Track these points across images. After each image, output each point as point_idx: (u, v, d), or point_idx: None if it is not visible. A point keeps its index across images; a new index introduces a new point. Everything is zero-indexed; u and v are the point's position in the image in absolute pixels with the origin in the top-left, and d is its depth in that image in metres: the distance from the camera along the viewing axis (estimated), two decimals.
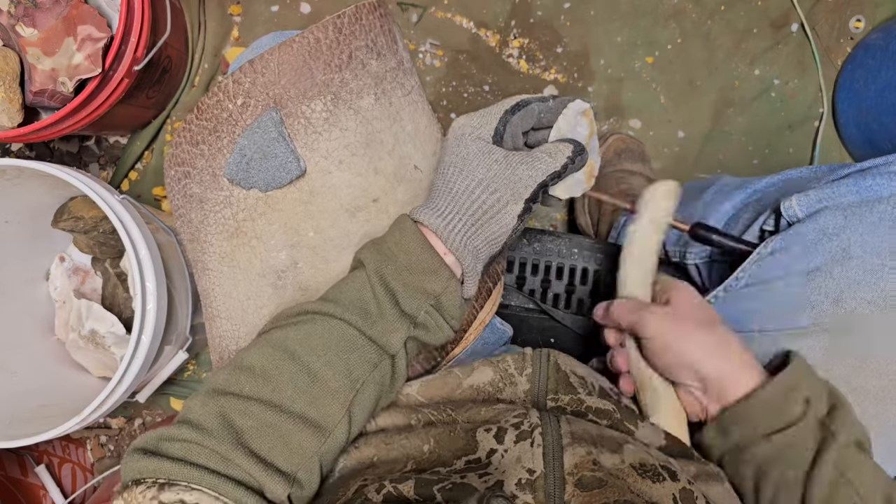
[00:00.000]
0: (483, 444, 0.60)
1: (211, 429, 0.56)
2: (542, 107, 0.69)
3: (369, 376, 0.63)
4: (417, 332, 0.65)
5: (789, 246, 0.75)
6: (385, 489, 0.54)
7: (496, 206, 0.64)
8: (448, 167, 0.67)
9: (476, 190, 0.64)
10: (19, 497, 1.33)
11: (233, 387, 0.60)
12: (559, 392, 0.73)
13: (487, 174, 0.64)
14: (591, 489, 0.54)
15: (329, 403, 0.61)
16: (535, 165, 0.65)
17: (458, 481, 0.55)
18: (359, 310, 0.64)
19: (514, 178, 0.64)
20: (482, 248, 0.66)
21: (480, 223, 0.65)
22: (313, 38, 0.71)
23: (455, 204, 0.65)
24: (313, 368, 0.61)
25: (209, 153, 0.73)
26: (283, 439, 0.58)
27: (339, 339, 0.62)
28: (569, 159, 0.66)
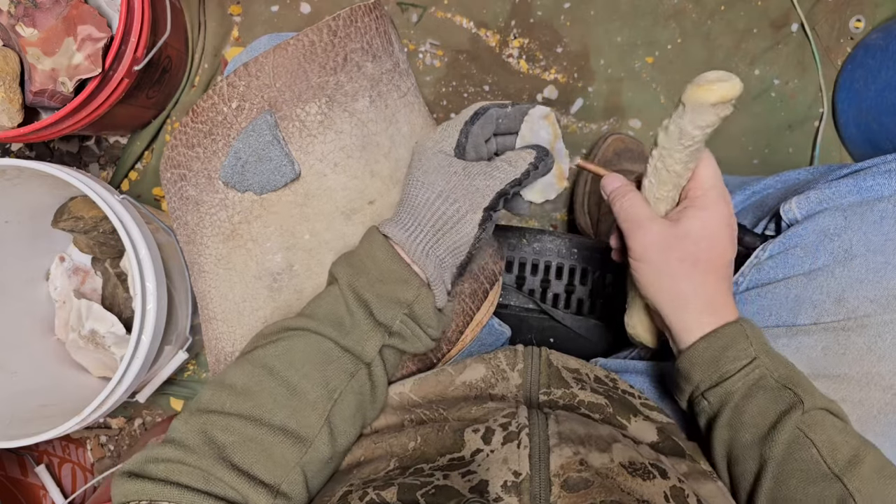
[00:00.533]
0: (470, 444, 0.61)
1: (193, 446, 0.58)
2: (501, 112, 0.70)
3: (346, 386, 0.65)
4: (394, 341, 0.67)
5: (789, 248, 0.75)
6: (368, 496, 0.54)
7: (455, 216, 0.66)
8: (411, 181, 0.69)
9: (436, 202, 0.66)
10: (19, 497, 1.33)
11: (214, 405, 0.61)
12: (551, 386, 0.73)
13: (447, 186, 0.66)
14: (578, 490, 0.54)
15: (308, 414, 0.62)
16: (494, 175, 0.66)
17: (440, 483, 0.55)
18: (333, 322, 0.65)
19: (472, 189, 0.66)
20: (445, 258, 0.67)
21: (441, 233, 0.66)
22: (308, 41, 0.71)
23: (416, 216, 0.67)
24: (291, 381, 0.62)
25: (204, 156, 0.73)
26: (265, 452, 0.59)
27: (316, 352, 0.64)
28: (531, 165, 0.67)
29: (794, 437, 0.62)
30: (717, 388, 0.67)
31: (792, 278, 0.74)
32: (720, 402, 0.67)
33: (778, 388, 0.65)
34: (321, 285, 0.74)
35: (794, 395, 0.64)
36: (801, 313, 0.73)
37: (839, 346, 0.70)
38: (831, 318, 0.71)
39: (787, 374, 0.66)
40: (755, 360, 0.66)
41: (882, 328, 0.68)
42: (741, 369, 0.66)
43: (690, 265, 0.68)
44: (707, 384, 0.68)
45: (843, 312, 0.70)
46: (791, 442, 0.62)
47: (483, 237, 0.67)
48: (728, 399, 0.67)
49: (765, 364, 0.66)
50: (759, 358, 0.66)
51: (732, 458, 0.68)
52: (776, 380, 0.65)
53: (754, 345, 0.67)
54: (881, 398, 0.70)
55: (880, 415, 0.70)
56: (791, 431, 0.62)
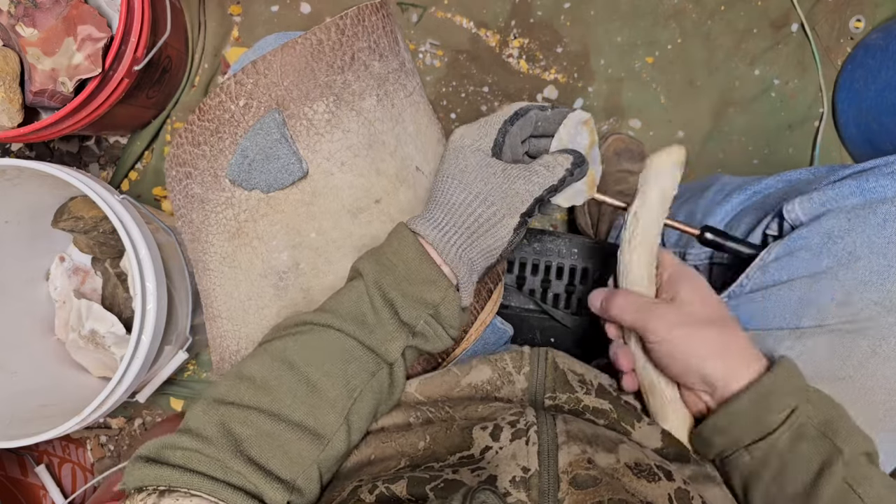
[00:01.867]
0: (479, 442, 0.61)
1: (211, 437, 0.57)
2: (541, 115, 0.69)
3: (367, 385, 0.64)
4: (416, 341, 0.66)
5: (793, 251, 0.75)
6: (378, 489, 0.54)
7: (492, 220, 0.65)
8: (446, 178, 0.67)
9: (473, 203, 0.65)
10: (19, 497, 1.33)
11: (233, 396, 0.61)
12: (557, 391, 0.73)
13: (485, 188, 0.65)
14: (586, 487, 0.54)
15: (327, 412, 0.61)
16: (533, 179, 0.65)
17: (449, 477, 0.55)
18: (356, 320, 0.64)
19: (510, 192, 0.65)
20: (477, 260, 0.66)
21: (476, 236, 0.65)
22: (316, 40, 0.71)
23: (452, 216, 0.65)
24: (312, 378, 0.62)
25: (211, 154, 0.73)
26: (282, 448, 0.59)
27: (337, 349, 0.63)
28: (567, 171, 0.66)
29: (842, 493, 0.60)
30: (762, 442, 0.64)
31: (796, 280, 0.74)
32: (765, 456, 0.64)
33: (819, 437, 0.62)
34: (327, 284, 0.74)
35: (833, 445, 0.61)
36: (805, 316, 0.73)
37: (843, 349, 0.70)
38: (835, 320, 0.71)
39: (825, 419, 0.63)
40: (797, 409, 0.63)
41: (886, 331, 0.68)
42: (784, 420, 0.63)
43: (711, 324, 0.67)
44: (750, 438, 0.64)
45: (847, 315, 0.70)
46: (839, 498, 0.60)
47: (515, 241, 0.67)
48: (772, 454, 0.64)
49: (805, 411, 0.63)
50: (801, 405, 0.63)
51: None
52: (815, 427, 0.63)
53: (794, 391, 0.64)
54: (886, 401, 0.70)
55: (885, 418, 0.70)
56: (837, 486, 0.60)
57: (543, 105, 0.69)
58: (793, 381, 0.64)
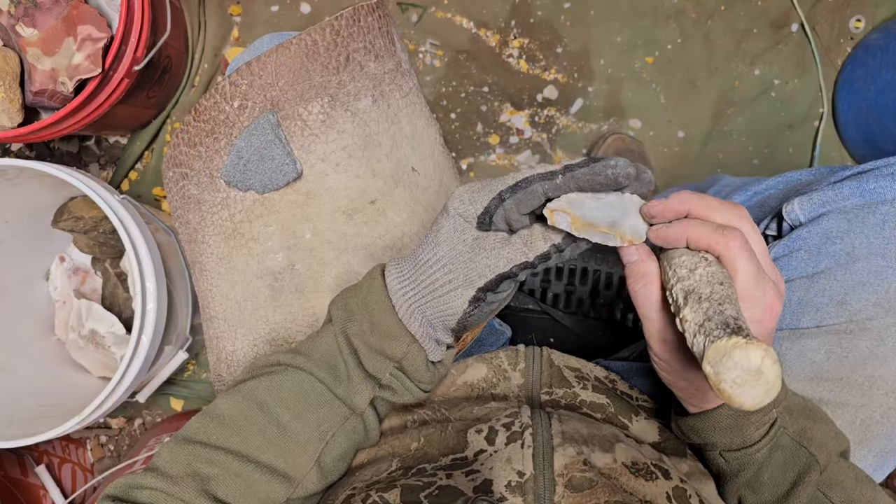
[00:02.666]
0: (473, 445, 0.61)
1: (176, 476, 0.57)
2: (549, 186, 0.55)
3: (339, 428, 0.63)
4: (384, 394, 0.63)
5: (792, 251, 0.75)
6: (371, 499, 0.54)
7: (446, 287, 0.59)
8: (428, 233, 0.62)
9: (434, 266, 0.60)
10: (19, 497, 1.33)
11: (202, 435, 0.60)
12: (553, 386, 0.73)
13: (449, 253, 0.59)
14: (582, 490, 0.54)
15: (298, 455, 0.61)
16: (500, 253, 0.57)
17: (443, 483, 0.55)
18: (328, 366, 0.63)
19: (471, 264, 0.58)
20: (434, 321, 0.61)
21: (430, 298, 0.60)
22: (311, 40, 0.71)
23: (414, 272, 0.61)
24: (282, 420, 0.61)
25: (206, 155, 0.73)
26: (249, 489, 0.58)
27: (309, 392, 0.62)
28: (554, 248, 0.56)
29: (815, 500, 0.61)
30: (738, 453, 0.63)
31: (795, 281, 0.74)
32: (739, 465, 0.64)
33: (794, 446, 0.62)
34: (322, 285, 0.74)
35: (810, 455, 0.61)
36: (803, 316, 0.73)
37: (842, 350, 0.70)
38: (833, 321, 0.71)
39: (802, 427, 0.63)
40: (776, 422, 0.62)
41: (884, 332, 0.68)
42: (764, 436, 0.62)
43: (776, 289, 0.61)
44: (726, 448, 0.63)
45: (846, 316, 0.70)
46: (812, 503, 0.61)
47: (476, 314, 0.60)
48: (748, 464, 0.63)
49: (784, 423, 0.62)
50: (780, 418, 0.62)
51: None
52: (791, 437, 0.62)
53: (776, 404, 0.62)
54: (883, 402, 0.70)
55: (883, 419, 0.70)
56: (811, 494, 0.61)
57: (551, 172, 0.56)
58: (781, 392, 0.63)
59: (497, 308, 0.63)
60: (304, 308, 0.75)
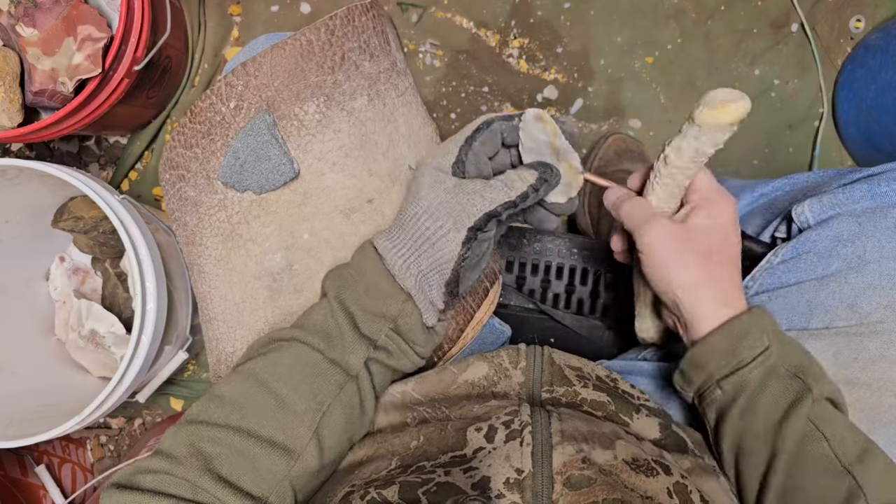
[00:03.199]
0: (472, 443, 0.61)
1: (180, 457, 0.58)
2: (506, 126, 0.67)
3: (335, 399, 0.64)
4: (379, 355, 0.66)
5: (801, 253, 0.75)
6: (369, 496, 0.55)
7: (438, 234, 0.64)
8: (407, 196, 0.68)
9: (422, 217, 0.65)
10: (19, 497, 1.33)
11: (202, 415, 0.61)
12: (554, 384, 0.73)
13: (434, 201, 0.65)
14: (580, 488, 0.54)
15: (296, 426, 0.62)
16: (485, 195, 0.64)
17: (441, 480, 0.55)
18: (321, 333, 0.65)
19: (458, 207, 0.64)
20: (428, 273, 0.65)
21: (423, 249, 0.65)
22: (305, 40, 0.71)
23: (402, 230, 0.65)
24: (280, 394, 0.62)
25: (203, 156, 0.73)
26: (251, 464, 0.59)
27: (304, 363, 0.64)
28: (531, 188, 0.64)
29: (806, 430, 0.63)
30: (733, 377, 0.67)
31: (804, 283, 0.74)
32: (735, 391, 0.67)
33: (789, 376, 0.65)
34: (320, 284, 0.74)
35: (804, 385, 0.64)
36: (813, 318, 0.73)
37: (851, 351, 0.71)
38: (843, 323, 0.71)
39: (798, 363, 0.66)
40: (769, 348, 0.66)
41: (894, 335, 0.69)
42: (756, 357, 0.66)
43: (704, 257, 0.67)
44: (723, 372, 0.67)
45: (856, 318, 0.70)
46: (803, 434, 0.63)
47: (469, 256, 0.65)
48: (743, 387, 0.66)
49: (777, 352, 0.66)
50: (773, 345, 0.66)
51: (742, 449, 0.67)
52: (787, 368, 0.65)
53: (768, 332, 0.66)
54: (892, 403, 0.70)
55: (891, 421, 0.71)
56: (803, 424, 0.63)
57: (510, 115, 0.67)
58: (766, 324, 0.67)
59: (486, 251, 0.68)
60: (303, 308, 0.75)
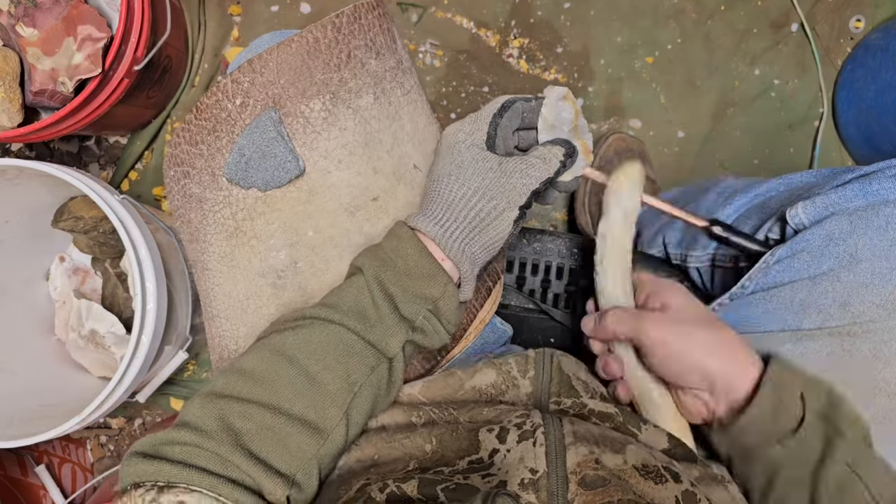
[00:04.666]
0: (485, 444, 0.61)
1: (210, 431, 0.57)
2: (526, 106, 0.71)
3: (367, 380, 0.64)
4: (415, 336, 0.66)
5: (796, 253, 0.74)
6: (388, 488, 0.54)
7: (493, 214, 0.66)
8: (443, 175, 0.68)
9: (473, 198, 0.66)
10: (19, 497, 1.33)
11: (232, 390, 0.60)
12: (562, 395, 0.73)
13: (483, 182, 0.66)
14: (595, 488, 0.54)
15: (328, 406, 0.61)
16: (530, 173, 0.67)
17: (461, 482, 0.55)
18: (357, 314, 0.64)
19: (508, 186, 0.66)
20: (479, 254, 0.67)
21: (478, 230, 0.66)
22: (312, 38, 0.71)
23: (452, 212, 0.66)
24: (312, 372, 0.62)
25: (208, 153, 0.73)
26: (282, 441, 0.59)
27: (338, 343, 0.63)
28: (561, 163, 0.68)
29: (845, 477, 0.60)
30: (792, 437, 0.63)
31: (797, 282, 0.74)
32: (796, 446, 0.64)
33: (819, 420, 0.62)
34: (325, 282, 0.74)
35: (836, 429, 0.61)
36: (806, 318, 0.73)
37: (844, 352, 0.70)
38: (836, 322, 0.71)
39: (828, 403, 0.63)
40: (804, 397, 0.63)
41: (888, 334, 0.68)
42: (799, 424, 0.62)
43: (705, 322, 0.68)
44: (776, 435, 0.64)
45: (849, 317, 0.70)
46: (842, 482, 0.60)
47: (514, 233, 0.68)
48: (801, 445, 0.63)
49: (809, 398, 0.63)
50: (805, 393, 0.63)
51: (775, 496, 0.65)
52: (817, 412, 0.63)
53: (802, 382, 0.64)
54: (887, 404, 0.70)
55: (885, 421, 0.70)
56: (841, 470, 0.60)
57: (527, 97, 0.71)
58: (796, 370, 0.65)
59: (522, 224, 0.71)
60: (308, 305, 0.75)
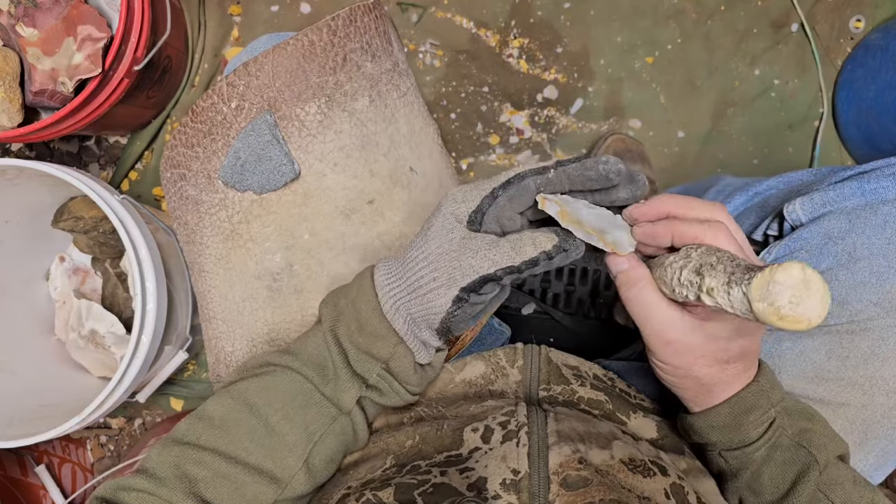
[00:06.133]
0: (468, 443, 0.61)
1: (165, 478, 0.58)
2: (541, 180, 0.56)
3: (328, 429, 0.63)
4: (370, 394, 0.64)
5: (792, 251, 0.75)
6: (364, 497, 0.54)
7: (430, 285, 0.58)
8: (419, 233, 0.62)
9: (420, 263, 0.59)
10: (19, 497, 1.33)
11: (190, 436, 0.61)
12: (551, 383, 0.73)
13: (435, 251, 0.58)
14: (577, 488, 0.54)
15: (286, 456, 0.61)
16: (487, 255, 0.56)
17: (438, 481, 0.55)
18: (316, 366, 0.63)
19: (455, 264, 0.57)
20: (419, 319, 0.60)
21: (415, 296, 0.59)
22: (308, 41, 0.71)
23: (401, 270, 0.61)
24: (271, 421, 0.61)
25: (204, 156, 0.73)
26: (237, 490, 0.59)
27: (297, 392, 0.62)
28: (543, 255, 0.54)
29: (815, 500, 0.61)
30: (738, 452, 0.63)
31: None
32: (739, 465, 0.64)
33: (794, 446, 0.62)
34: (321, 285, 0.74)
35: (809, 455, 0.61)
36: None
37: (843, 350, 0.70)
38: (834, 321, 0.71)
39: (801, 428, 0.63)
40: (775, 422, 0.62)
41: (886, 332, 0.68)
42: (763, 435, 0.62)
43: (720, 365, 0.60)
44: (726, 447, 0.64)
45: (847, 316, 0.70)
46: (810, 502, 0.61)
47: (458, 315, 0.59)
48: (748, 463, 0.63)
49: (783, 424, 0.62)
50: (778, 417, 0.62)
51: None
52: (790, 437, 0.62)
53: (774, 404, 0.62)
54: (885, 402, 0.70)
55: (884, 419, 0.71)
56: (811, 495, 0.60)
57: (544, 166, 0.56)
58: (773, 395, 0.63)
59: (481, 310, 0.62)
60: (303, 308, 0.75)
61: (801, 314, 0.44)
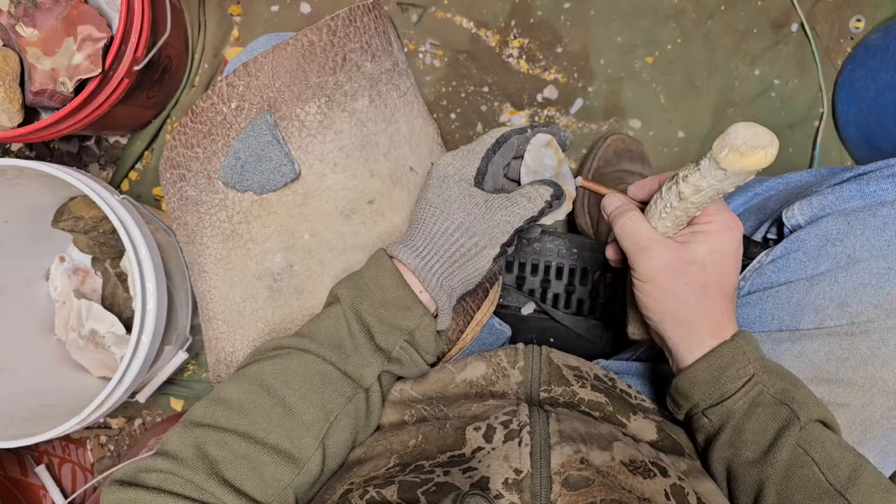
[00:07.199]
0: (471, 442, 0.61)
1: (186, 459, 0.58)
2: (521, 138, 0.70)
3: (343, 410, 0.65)
4: (391, 367, 0.67)
5: (791, 253, 0.75)
6: (368, 494, 0.55)
7: (473, 250, 0.66)
8: (429, 207, 0.68)
9: (455, 233, 0.66)
10: (19, 497, 1.33)
11: (209, 419, 0.62)
12: (552, 384, 0.73)
13: (467, 218, 0.66)
14: (578, 488, 0.55)
15: (303, 436, 0.62)
16: (514, 211, 0.66)
17: (440, 480, 0.55)
18: (333, 345, 0.65)
19: (492, 223, 0.66)
20: (457, 288, 0.68)
21: (458, 265, 0.66)
22: (307, 41, 0.71)
23: (433, 245, 0.66)
24: (288, 402, 0.63)
25: (204, 156, 0.73)
26: (256, 470, 0.60)
27: (314, 373, 0.64)
28: (546, 203, 0.67)
29: (795, 456, 0.62)
30: (718, 407, 0.66)
31: (794, 282, 0.74)
32: (721, 421, 0.66)
33: (775, 403, 0.64)
34: (321, 285, 0.74)
35: (791, 411, 0.63)
36: (803, 318, 0.73)
37: (842, 351, 0.70)
38: (834, 322, 0.71)
39: (783, 388, 0.65)
40: (753, 378, 0.65)
41: (885, 333, 0.68)
42: (741, 388, 0.65)
43: (700, 290, 0.66)
44: (707, 403, 0.67)
45: (847, 317, 0.70)
46: (792, 460, 0.62)
47: (494, 269, 0.68)
48: (729, 417, 0.66)
49: (763, 380, 0.65)
50: (757, 374, 0.65)
51: (733, 475, 0.67)
52: (773, 395, 0.65)
53: (752, 361, 0.65)
54: (884, 403, 0.70)
55: (883, 419, 0.70)
56: (791, 450, 0.62)
57: (523, 128, 0.70)
58: (750, 351, 0.66)
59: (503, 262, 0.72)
60: (303, 308, 0.75)
61: (756, 145, 0.56)
